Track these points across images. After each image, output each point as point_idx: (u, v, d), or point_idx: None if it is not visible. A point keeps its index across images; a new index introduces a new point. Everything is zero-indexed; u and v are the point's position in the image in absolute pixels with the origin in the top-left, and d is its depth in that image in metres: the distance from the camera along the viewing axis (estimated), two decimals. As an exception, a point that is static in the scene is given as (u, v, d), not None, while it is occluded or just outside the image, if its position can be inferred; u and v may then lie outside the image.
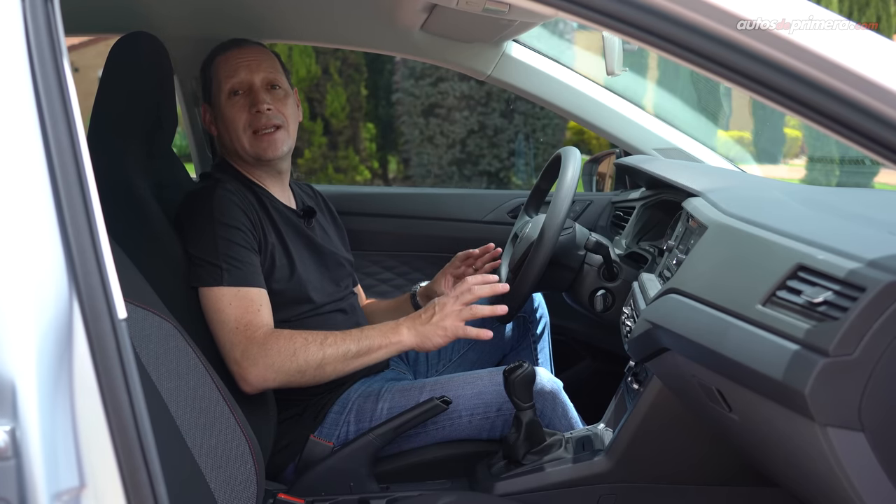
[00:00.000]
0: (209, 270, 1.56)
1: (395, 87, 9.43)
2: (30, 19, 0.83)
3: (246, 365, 1.50)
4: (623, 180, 2.38)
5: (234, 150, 1.75)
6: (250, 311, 1.54)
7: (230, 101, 1.72)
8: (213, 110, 1.77)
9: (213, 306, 1.55)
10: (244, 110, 1.71)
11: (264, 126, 1.70)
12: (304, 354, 1.51)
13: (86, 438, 0.80)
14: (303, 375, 1.52)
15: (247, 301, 1.55)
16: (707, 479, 1.60)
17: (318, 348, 1.52)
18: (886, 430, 0.94)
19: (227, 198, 1.63)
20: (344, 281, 1.86)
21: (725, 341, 1.11)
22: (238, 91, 1.72)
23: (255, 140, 1.71)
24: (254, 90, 1.71)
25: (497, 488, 1.61)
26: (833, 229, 1.17)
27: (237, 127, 1.71)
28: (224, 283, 1.55)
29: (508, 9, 1.74)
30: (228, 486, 1.25)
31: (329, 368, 1.53)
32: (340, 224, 2.01)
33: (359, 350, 1.54)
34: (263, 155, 1.72)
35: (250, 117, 1.71)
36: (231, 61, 1.74)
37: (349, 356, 1.53)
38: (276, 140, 1.72)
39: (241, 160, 1.76)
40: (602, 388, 2.05)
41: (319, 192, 2.03)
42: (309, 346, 1.52)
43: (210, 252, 1.57)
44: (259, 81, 1.72)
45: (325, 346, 1.53)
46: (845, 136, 0.87)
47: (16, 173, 0.81)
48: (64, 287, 0.80)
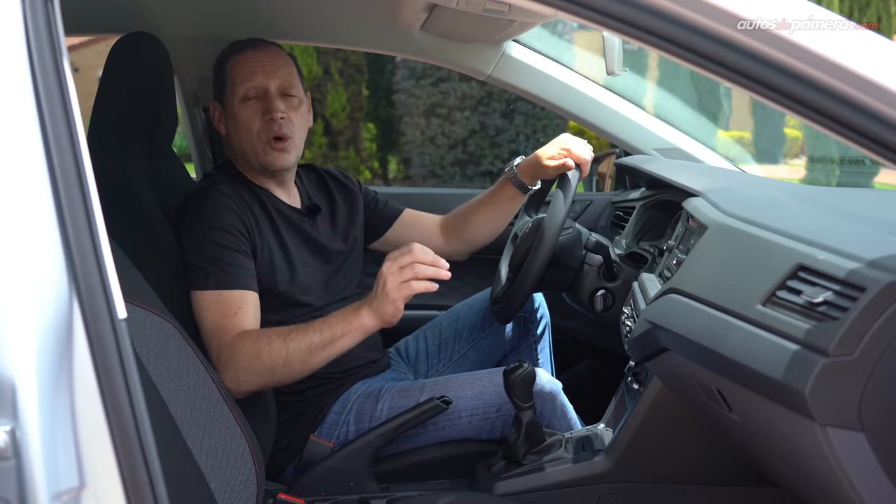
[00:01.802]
0: (197, 274, 1.56)
1: (396, 87, 9.44)
2: (30, 19, 0.83)
3: (221, 370, 1.48)
4: (623, 180, 2.38)
5: (242, 153, 1.73)
6: (226, 315, 1.53)
7: (244, 104, 1.69)
8: (225, 110, 1.75)
9: (196, 310, 1.55)
10: (257, 116, 1.69)
11: (276, 134, 1.68)
12: (267, 353, 1.48)
13: (86, 438, 0.80)
14: (274, 374, 1.49)
15: (224, 305, 1.54)
16: (707, 479, 1.60)
17: (281, 345, 1.48)
18: (886, 430, 0.94)
19: (219, 200, 1.62)
20: (349, 275, 1.85)
21: (725, 341, 1.11)
22: (253, 96, 1.69)
23: (266, 149, 1.69)
24: (268, 96, 1.69)
25: (497, 488, 1.61)
26: (833, 229, 1.17)
27: (250, 133, 1.69)
28: (208, 286, 1.54)
29: (508, 9, 1.74)
30: (228, 486, 1.25)
31: (296, 364, 1.49)
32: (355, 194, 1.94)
33: (322, 340, 1.48)
34: (271, 166, 1.71)
35: (263, 124, 1.68)
36: (247, 63, 1.71)
37: (314, 348, 1.48)
38: (286, 153, 1.70)
39: (245, 163, 1.76)
40: (602, 388, 2.05)
41: (326, 170, 1.97)
42: (272, 344, 1.48)
43: (198, 256, 1.57)
44: (274, 88, 1.69)
45: (287, 342, 1.48)
46: (845, 136, 0.87)
47: (16, 173, 0.81)
48: (64, 287, 0.80)
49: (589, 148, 1.87)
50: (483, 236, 2.02)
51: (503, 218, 1.98)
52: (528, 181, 1.93)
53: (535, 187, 1.96)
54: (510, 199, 1.95)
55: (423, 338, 2.05)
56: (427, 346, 2.03)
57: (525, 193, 1.95)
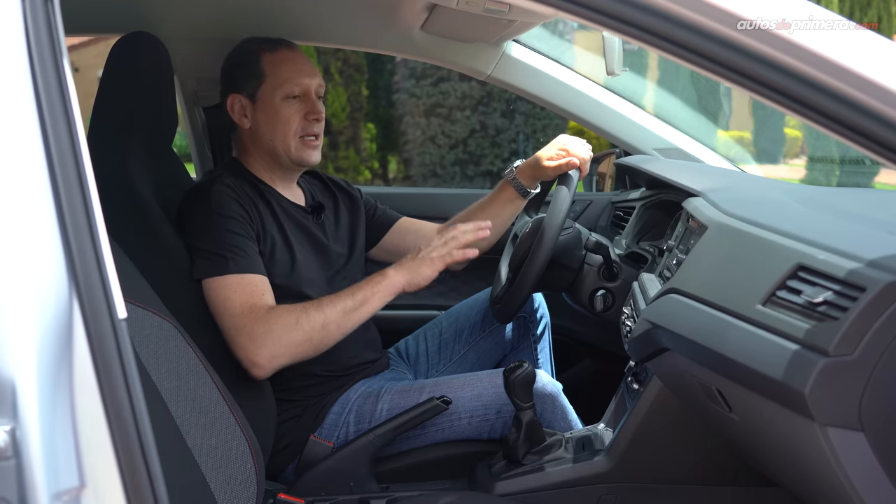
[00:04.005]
0: (214, 261, 1.57)
1: (396, 87, 9.44)
2: (30, 19, 0.83)
3: (254, 347, 1.51)
4: (623, 180, 2.38)
5: (271, 148, 1.75)
6: (255, 296, 1.56)
7: (287, 102, 1.73)
8: (257, 105, 1.75)
9: (220, 295, 1.56)
10: (300, 114, 1.73)
11: (315, 133, 1.75)
12: (305, 320, 1.54)
13: (86, 438, 0.80)
14: (311, 342, 1.54)
15: (251, 286, 1.57)
16: (707, 480, 1.60)
17: (317, 311, 1.55)
18: (886, 430, 0.94)
19: (223, 191, 1.64)
20: (350, 277, 1.85)
21: (725, 341, 1.11)
22: (297, 95, 1.74)
23: (301, 145, 1.74)
24: (310, 97, 1.75)
25: (497, 488, 1.61)
26: (833, 229, 1.17)
27: (289, 129, 1.73)
28: (230, 270, 1.56)
29: (508, 9, 1.74)
30: (228, 486, 1.25)
31: (333, 327, 1.56)
32: (358, 202, 1.98)
33: (354, 303, 1.58)
34: (307, 161, 1.76)
35: (304, 122, 1.74)
36: (291, 63, 1.75)
37: (348, 310, 1.57)
38: (318, 150, 1.78)
39: (266, 159, 1.77)
40: (602, 388, 2.05)
41: (329, 177, 2.00)
42: (308, 311, 1.55)
43: (213, 243, 1.58)
44: (314, 88, 1.76)
45: (322, 307, 1.56)
46: (845, 136, 0.87)
47: (16, 173, 0.81)
48: (64, 287, 0.80)
49: (588, 147, 1.88)
50: (483, 242, 2.01)
51: (502, 222, 1.98)
52: (527, 183, 1.93)
53: (535, 190, 1.96)
54: (510, 202, 1.95)
55: (423, 338, 2.05)
56: (427, 346, 2.03)
57: (525, 197, 1.95)
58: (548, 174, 1.88)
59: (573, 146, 1.85)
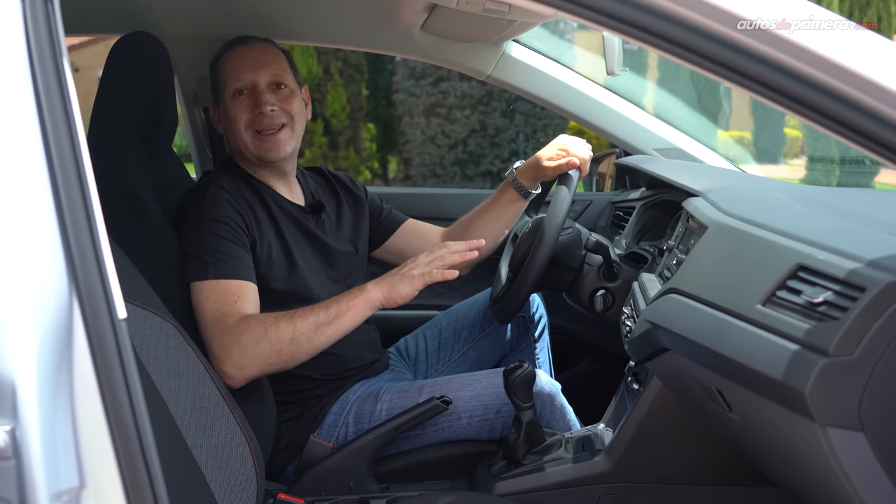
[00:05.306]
0: (196, 265, 1.56)
1: (396, 87, 9.44)
2: (30, 19, 0.83)
3: (223, 356, 1.48)
4: (623, 180, 2.38)
5: (238, 149, 1.75)
6: (227, 303, 1.53)
7: (234, 100, 1.71)
8: (220, 109, 1.77)
9: (196, 301, 1.55)
10: (247, 110, 1.70)
11: (266, 126, 1.70)
12: (274, 332, 1.49)
13: (86, 438, 0.80)
14: (279, 355, 1.49)
15: (225, 293, 1.54)
16: (707, 480, 1.60)
17: (287, 323, 1.50)
18: (886, 430, 0.94)
19: (217, 194, 1.63)
20: (352, 277, 1.85)
21: (725, 341, 1.11)
22: (243, 91, 1.71)
23: (257, 140, 1.71)
24: (258, 90, 1.71)
25: (497, 488, 1.61)
26: (833, 229, 1.17)
27: (239, 126, 1.71)
28: (208, 276, 1.54)
29: (508, 9, 1.74)
30: (228, 486, 1.25)
31: (303, 341, 1.50)
32: (362, 201, 1.96)
33: (328, 317, 1.51)
34: (266, 156, 1.71)
35: (253, 117, 1.70)
36: (236, 60, 1.73)
37: (320, 324, 1.51)
38: (280, 141, 1.71)
39: (245, 159, 1.76)
40: (602, 388, 2.05)
41: (333, 174, 1.98)
42: (279, 324, 1.50)
43: (197, 247, 1.57)
44: (264, 82, 1.71)
45: (294, 320, 1.51)
46: (845, 136, 0.87)
47: (16, 173, 0.81)
48: (64, 287, 0.80)
49: (588, 147, 1.88)
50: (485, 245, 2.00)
51: (504, 224, 1.97)
52: (528, 184, 1.93)
53: (536, 191, 1.96)
54: (511, 204, 1.95)
55: (423, 338, 2.04)
56: (427, 346, 2.03)
57: (526, 198, 1.95)
58: (548, 174, 1.88)
59: (573, 146, 1.85)
